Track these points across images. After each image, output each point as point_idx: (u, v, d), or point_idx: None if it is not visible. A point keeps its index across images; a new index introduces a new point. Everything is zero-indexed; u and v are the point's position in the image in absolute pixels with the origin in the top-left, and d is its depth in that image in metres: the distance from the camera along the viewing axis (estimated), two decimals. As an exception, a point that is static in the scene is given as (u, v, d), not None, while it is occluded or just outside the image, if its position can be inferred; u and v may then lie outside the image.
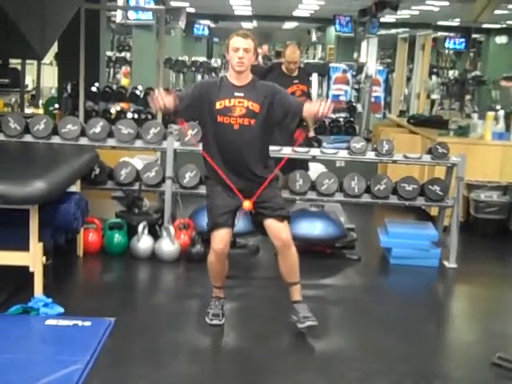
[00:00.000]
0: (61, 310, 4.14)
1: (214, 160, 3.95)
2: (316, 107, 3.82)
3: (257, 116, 3.91)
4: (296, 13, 18.51)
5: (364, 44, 17.99)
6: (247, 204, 3.93)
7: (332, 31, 19.12)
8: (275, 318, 4.26)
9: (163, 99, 3.82)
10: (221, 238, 3.92)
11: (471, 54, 16.91)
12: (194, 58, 17.55)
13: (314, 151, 5.72)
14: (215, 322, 4.09)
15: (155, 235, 5.45)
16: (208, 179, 4.10)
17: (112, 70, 16.33)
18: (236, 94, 3.90)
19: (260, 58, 11.98)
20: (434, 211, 6.44)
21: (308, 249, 5.51)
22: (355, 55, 19.43)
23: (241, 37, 3.88)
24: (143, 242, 5.37)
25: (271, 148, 4.24)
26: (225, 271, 4.11)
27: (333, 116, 10.55)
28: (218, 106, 3.89)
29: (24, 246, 4.17)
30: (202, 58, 18.47)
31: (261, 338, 3.98)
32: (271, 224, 3.95)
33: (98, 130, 5.63)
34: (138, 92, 9.64)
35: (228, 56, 3.93)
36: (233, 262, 3.50)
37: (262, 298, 4.74)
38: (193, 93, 4.05)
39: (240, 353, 3.75)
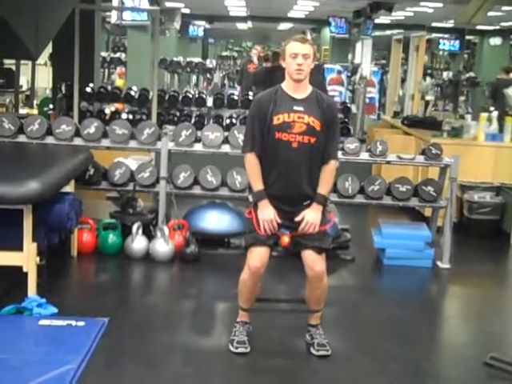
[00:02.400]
0: (54, 310, 4.14)
1: (266, 178, 3.67)
2: (305, 222, 3.63)
3: (318, 134, 3.62)
4: (291, 14, 18.52)
5: (359, 45, 18.02)
6: (286, 240, 3.70)
7: (327, 32, 19.14)
8: (269, 319, 4.26)
9: (272, 220, 3.63)
10: (259, 256, 3.66)
11: (465, 56, 16.94)
12: (189, 59, 17.53)
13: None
14: (241, 349, 3.78)
15: (149, 235, 5.46)
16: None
17: (107, 71, 16.30)
18: (295, 107, 3.60)
19: (255, 59, 11.98)
20: (427, 212, 6.47)
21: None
22: (350, 56, 19.46)
23: (299, 42, 3.60)
24: (137, 243, 5.38)
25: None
26: (256, 292, 3.85)
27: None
28: (275, 120, 3.60)
29: (18, 246, 4.17)
30: (197, 59, 18.45)
31: (254, 338, 3.98)
32: (308, 255, 3.70)
33: (92, 130, 5.63)
34: (132, 93, 9.62)
35: (284, 63, 3.63)
36: (226, 262, 3.48)
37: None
38: (257, 124, 3.67)
39: (233, 353, 3.75)
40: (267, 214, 3.63)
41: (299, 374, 3.65)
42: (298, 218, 3.65)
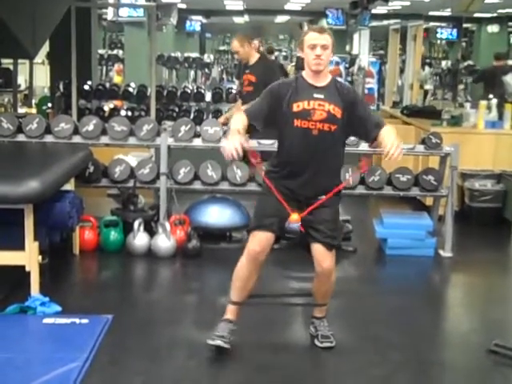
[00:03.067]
0: (58, 308, 4.15)
1: (283, 165, 3.60)
2: (390, 144, 3.40)
3: (339, 122, 3.52)
4: (287, 6, 18.49)
5: (356, 36, 18.01)
6: (295, 217, 3.55)
7: (324, 24, 19.11)
8: (272, 312, 4.26)
9: (237, 149, 3.33)
10: (260, 240, 3.56)
11: (463, 44, 16.89)
12: (186, 54, 17.51)
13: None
14: (218, 342, 3.59)
15: (151, 232, 5.46)
16: (271, 174, 3.69)
17: (104, 68, 16.29)
18: (315, 95, 3.52)
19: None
20: (428, 201, 6.47)
21: (304, 241, 5.52)
22: (348, 47, 19.43)
23: (317, 32, 3.52)
24: (139, 239, 5.38)
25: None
26: (251, 283, 3.65)
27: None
28: (295, 108, 3.51)
29: (19, 246, 4.17)
30: (195, 54, 18.43)
31: (258, 332, 3.99)
32: (317, 249, 3.60)
33: (91, 127, 5.62)
34: (130, 89, 9.63)
35: (303, 54, 3.57)
36: (228, 256, 3.45)
37: (258, 292, 4.74)
38: (267, 101, 3.62)
39: (237, 347, 3.75)
40: (233, 140, 3.38)
41: (302, 366, 3.65)
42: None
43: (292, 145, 3.56)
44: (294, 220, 3.56)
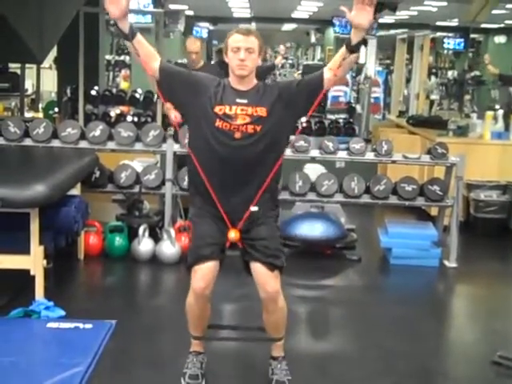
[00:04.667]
0: (62, 312, 4.15)
1: (204, 171, 3.20)
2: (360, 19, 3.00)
3: (264, 121, 3.17)
4: (295, 14, 18.53)
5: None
6: (233, 234, 3.19)
7: (331, 32, 19.14)
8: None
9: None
10: (203, 275, 3.19)
11: (470, 54, 16.89)
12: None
13: (314, 152, 5.74)
14: None
15: (156, 238, 5.46)
16: (194, 197, 3.37)
17: (111, 74, 16.32)
18: (238, 100, 3.19)
19: (259, 60, 12.04)
20: (433, 211, 6.45)
21: (308, 250, 5.52)
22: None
23: (242, 34, 3.18)
24: (144, 245, 5.38)
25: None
26: (206, 317, 3.40)
27: (332, 117, 10.56)
28: (216, 109, 3.18)
29: (25, 250, 4.18)
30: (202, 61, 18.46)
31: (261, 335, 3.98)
32: (259, 270, 3.21)
33: (97, 133, 5.64)
34: (137, 95, 9.62)
35: (227, 58, 3.22)
36: (231, 262, 3.42)
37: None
38: (183, 73, 3.33)
39: (241, 354, 3.75)
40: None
41: (306, 374, 3.64)
42: None
43: (212, 147, 3.18)
44: (232, 238, 3.20)
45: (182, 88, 3.23)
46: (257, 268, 3.22)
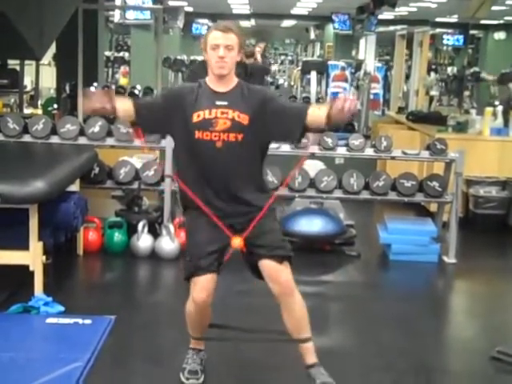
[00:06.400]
0: (61, 308, 4.16)
1: (192, 188, 3.14)
2: (340, 104, 2.95)
3: (245, 130, 3.07)
4: (294, 11, 18.52)
5: (362, 41, 18.01)
6: (237, 242, 3.13)
7: (330, 29, 19.13)
8: (276, 315, 4.26)
9: (109, 99, 3.06)
10: (203, 287, 3.11)
11: (469, 51, 16.89)
12: (192, 57, 17.53)
13: (313, 148, 5.73)
14: (192, 381, 3.35)
15: (155, 233, 5.47)
16: (187, 208, 3.27)
17: (111, 70, 16.32)
18: (218, 102, 3.08)
19: (259, 57, 12.00)
20: (433, 207, 6.46)
21: (307, 246, 5.52)
22: (354, 53, 19.44)
23: (220, 31, 3.07)
24: (143, 241, 5.39)
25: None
26: (207, 322, 3.35)
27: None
28: (195, 118, 3.07)
29: (24, 245, 4.18)
30: (201, 57, 18.43)
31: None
32: (267, 265, 3.13)
33: (96, 129, 5.64)
34: (136, 91, 9.67)
35: (206, 55, 3.13)
36: (231, 258, 3.40)
37: (262, 295, 4.73)
38: (156, 102, 3.34)
39: (240, 350, 3.75)
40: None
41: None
42: None
43: (195, 161, 3.11)
44: (237, 245, 3.14)
45: (161, 115, 3.17)
46: (265, 264, 3.14)
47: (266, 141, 3.24)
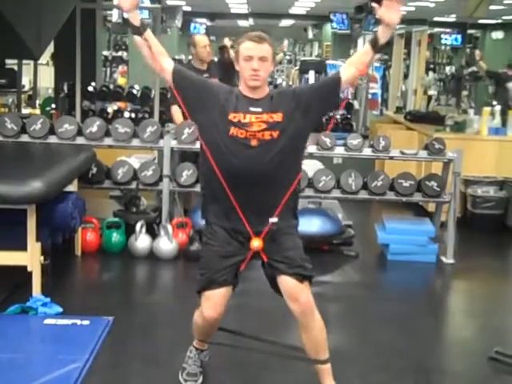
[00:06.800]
0: (59, 309, 4.15)
1: (219, 189, 2.99)
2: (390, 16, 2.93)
3: (281, 126, 2.97)
4: (292, 10, 18.50)
5: (360, 41, 17.98)
6: (256, 243, 3.00)
7: (328, 28, 19.12)
8: (274, 315, 4.26)
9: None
10: (215, 303, 3.03)
11: (467, 50, 16.88)
12: (190, 57, 17.53)
13: (311, 148, 5.73)
14: (190, 383, 3.35)
15: (153, 234, 5.47)
16: (208, 207, 3.14)
17: (109, 70, 16.30)
18: (252, 108, 2.98)
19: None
20: (431, 207, 6.46)
21: (306, 246, 5.51)
22: (352, 52, 19.41)
23: (254, 42, 2.98)
24: (141, 241, 5.38)
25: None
26: (214, 330, 3.28)
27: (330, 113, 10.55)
28: (230, 116, 2.98)
29: (22, 246, 4.18)
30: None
31: (259, 335, 3.97)
32: (286, 283, 3.01)
33: (94, 129, 5.63)
34: (134, 91, 9.64)
35: (238, 66, 3.03)
36: None
37: (261, 295, 4.73)
38: (197, 78, 3.18)
39: (238, 349, 3.75)
40: None
41: (304, 370, 3.64)
42: None
43: (227, 158, 2.97)
44: (256, 247, 3.01)
45: (194, 94, 3.05)
46: (284, 281, 3.03)
47: (303, 134, 3.10)
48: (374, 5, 3.04)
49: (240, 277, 3.12)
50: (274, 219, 3.00)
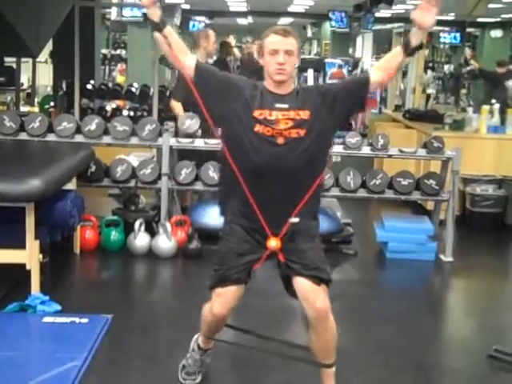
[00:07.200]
0: (58, 307, 4.15)
1: (241, 186, 2.91)
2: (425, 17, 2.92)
3: (308, 124, 2.90)
4: (291, 8, 18.48)
5: (359, 39, 18.00)
6: (274, 242, 2.93)
7: (327, 27, 19.10)
8: (272, 313, 4.26)
9: None
10: (226, 301, 2.98)
11: (466, 49, 16.89)
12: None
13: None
14: (189, 382, 3.34)
15: (152, 232, 5.46)
16: (226, 203, 3.12)
17: (107, 68, 16.29)
18: (278, 105, 2.90)
19: (256, 55, 12.00)
20: (429, 205, 6.47)
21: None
22: (351, 50, 19.41)
23: (280, 35, 2.90)
24: (140, 239, 5.38)
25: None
26: (222, 327, 3.22)
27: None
28: (256, 113, 2.90)
29: (20, 244, 4.17)
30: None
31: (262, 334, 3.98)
32: (302, 285, 2.91)
33: (93, 127, 5.62)
34: (133, 89, 9.62)
35: (262, 60, 2.96)
36: None
37: (258, 293, 4.73)
38: (220, 73, 3.07)
39: (237, 348, 3.75)
40: None
41: (304, 368, 3.64)
42: None
43: (251, 156, 2.89)
44: (273, 246, 2.93)
45: (219, 89, 2.97)
46: (300, 283, 2.93)
47: (329, 132, 3.04)
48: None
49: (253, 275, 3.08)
50: (294, 219, 2.93)
